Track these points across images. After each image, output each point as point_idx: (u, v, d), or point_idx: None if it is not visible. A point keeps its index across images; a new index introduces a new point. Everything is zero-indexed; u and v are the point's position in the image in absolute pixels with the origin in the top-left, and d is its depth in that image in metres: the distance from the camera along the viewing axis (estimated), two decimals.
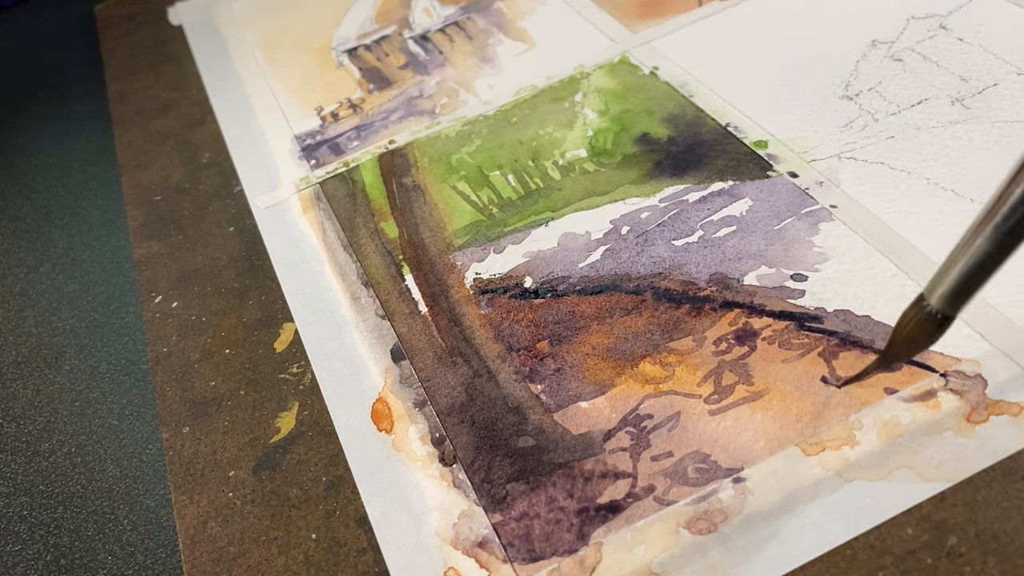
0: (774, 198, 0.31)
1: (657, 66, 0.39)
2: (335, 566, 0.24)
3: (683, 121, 0.36)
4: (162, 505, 0.28)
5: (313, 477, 0.26)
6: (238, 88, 0.45)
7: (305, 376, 0.29)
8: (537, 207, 0.33)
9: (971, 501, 0.22)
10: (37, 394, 0.32)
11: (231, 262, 0.35)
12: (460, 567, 0.23)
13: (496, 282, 0.31)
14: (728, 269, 0.29)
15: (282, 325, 0.32)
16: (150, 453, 0.29)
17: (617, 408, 0.26)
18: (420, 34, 0.45)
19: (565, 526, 0.24)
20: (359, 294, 0.32)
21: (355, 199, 0.36)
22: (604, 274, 0.30)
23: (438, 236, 0.33)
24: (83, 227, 0.40)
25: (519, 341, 0.28)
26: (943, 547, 0.21)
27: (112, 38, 0.52)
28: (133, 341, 0.33)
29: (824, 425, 0.24)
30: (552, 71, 0.40)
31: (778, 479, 0.23)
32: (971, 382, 0.24)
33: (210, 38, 0.50)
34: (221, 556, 0.25)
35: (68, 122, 0.47)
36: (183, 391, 0.30)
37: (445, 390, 0.28)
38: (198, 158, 0.41)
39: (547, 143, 0.36)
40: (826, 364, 0.26)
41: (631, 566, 0.22)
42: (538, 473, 0.25)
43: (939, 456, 0.23)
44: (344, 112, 0.41)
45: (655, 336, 0.28)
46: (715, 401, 0.25)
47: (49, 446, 0.30)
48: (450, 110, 0.39)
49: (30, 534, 0.28)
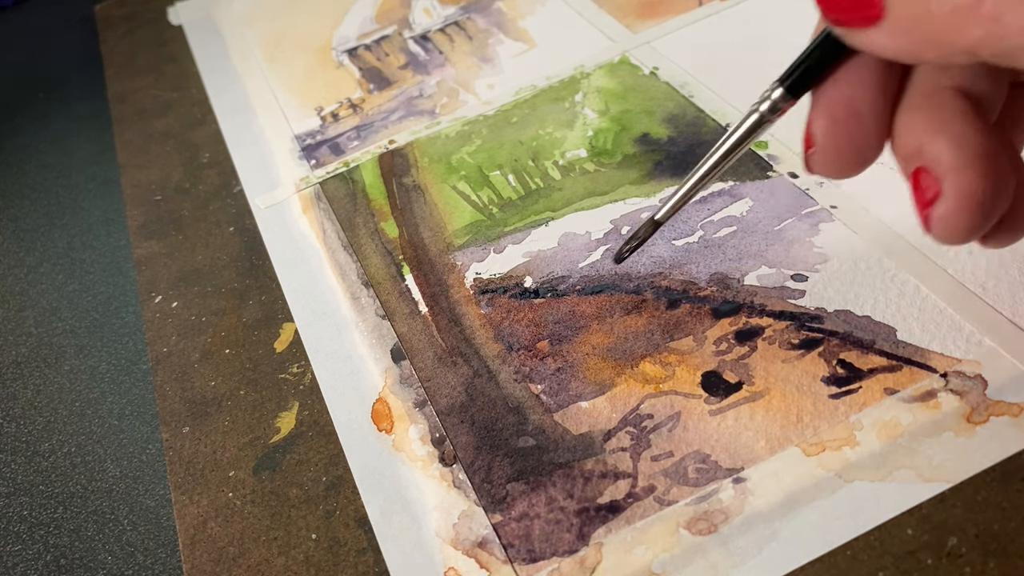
0: (774, 199, 0.31)
1: (657, 66, 0.39)
2: (335, 566, 0.24)
3: (683, 121, 0.36)
4: (162, 505, 0.28)
5: (313, 477, 0.26)
6: (238, 88, 0.45)
7: (305, 376, 0.30)
8: (537, 207, 0.33)
9: (971, 502, 0.22)
10: (37, 394, 0.32)
11: (231, 262, 0.35)
12: (460, 567, 0.23)
13: (496, 282, 0.31)
14: (728, 269, 0.29)
15: (282, 325, 0.32)
16: (150, 453, 0.29)
17: (617, 408, 0.26)
18: (420, 34, 0.45)
19: (565, 526, 0.24)
20: (359, 294, 0.32)
21: (355, 199, 0.36)
22: (604, 274, 0.30)
23: (438, 236, 0.33)
24: (83, 227, 0.40)
25: (519, 341, 0.28)
26: (943, 548, 0.21)
27: (112, 38, 0.52)
28: (133, 341, 0.33)
29: (824, 425, 0.24)
30: (552, 71, 0.40)
31: (778, 479, 0.23)
32: (971, 383, 0.24)
33: (210, 38, 0.50)
34: (221, 556, 0.25)
35: (68, 122, 0.47)
36: (183, 391, 0.30)
37: (445, 390, 0.28)
38: (198, 158, 0.41)
39: (547, 143, 0.36)
40: (826, 364, 0.26)
41: (631, 566, 0.22)
42: (538, 473, 0.25)
43: (939, 456, 0.23)
44: (344, 112, 0.41)
45: (655, 336, 0.28)
46: (715, 401, 0.25)
47: (49, 446, 0.30)
48: (450, 110, 0.39)
49: (30, 534, 0.28)
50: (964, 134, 0.17)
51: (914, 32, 0.15)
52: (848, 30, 0.17)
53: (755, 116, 0.21)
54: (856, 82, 0.18)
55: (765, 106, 0.20)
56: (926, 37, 0.15)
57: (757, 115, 0.21)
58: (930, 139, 0.17)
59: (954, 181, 0.17)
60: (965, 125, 0.17)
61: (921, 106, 0.18)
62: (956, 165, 0.17)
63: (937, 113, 0.17)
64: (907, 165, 0.18)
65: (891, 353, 0.25)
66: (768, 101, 0.20)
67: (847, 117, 0.18)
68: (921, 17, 0.15)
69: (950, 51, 0.16)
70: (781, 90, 0.20)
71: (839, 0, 0.16)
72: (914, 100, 0.18)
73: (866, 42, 0.16)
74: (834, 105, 0.18)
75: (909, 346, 0.25)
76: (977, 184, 0.17)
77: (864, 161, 0.19)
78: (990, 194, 0.17)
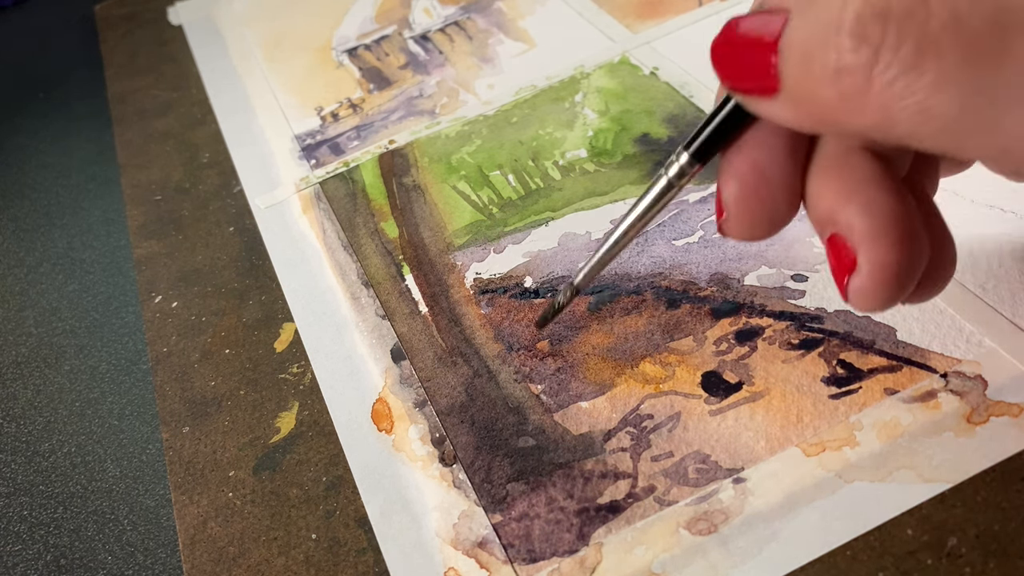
0: None
1: (657, 66, 0.39)
2: (335, 566, 0.24)
3: (683, 121, 0.36)
4: (162, 505, 0.28)
5: (313, 477, 0.26)
6: (238, 88, 0.45)
7: (305, 376, 0.30)
8: (537, 207, 0.33)
9: (971, 502, 0.22)
10: (37, 394, 0.32)
11: (231, 262, 0.35)
12: (460, 567, 0.23)
13: (496, 282, 0.31)
14: (728, 269, 0.29)
15: (282, 325, 0.32)
16: (150, 453, 0.29)
17: (617, 408, 0.26)
18: (420, 34, 0.45)
19: (565, 526, 0.24)
20: (359, 294, 0.32)
21: (355, 199, 0.36)
22: (604, 274, 0.30)
23: (438, 236, 0.33)
24: (83, 227, 0.40)
25: (519, 341, 0.28)
26: (943, 548, 0.21)
27: (112, 38, 0.52)
28: (133, 341, 0.33)
29: (824, 425, 0.24)
30: (552, 71, 0.40)
31: (778, 480, 0.23)
32: (971, 383, 0.24)
33: (210, 38, 0.50)
34: (221, 556, 0.25)
35: (68, 122, 0.47)
36: (183, 391, 0.30)
37: (445, 390, 0.28)
38: (198, 158, 0.41)
39: (547, 143, 0.36)
40: (826, 364, 0.26)
41: (631, 567, 0.22)
42: (538, 473, 0.25)
43: (939, 457, 0.23)
44: (344, 112, 0.41)
45: (655, 336, 0.28)
46: (715, 401, 0.25)
47: (49, 446, 0.30)
48: (450, 110, 0.39)
49: (30, 534, 0.28)
50: (876, 200, 0.16)
51: (808, 109, 0.15)
52: (747, 98, 0.16)
53: (662, 182, 0.20)
54: (763, 146, 0.18)
55: (672, 171, 0.20)
56: (819, 117, 0.15)
57: (664, 181, 0.20)
58: (841, 205, 0.17)
59: (868, 253, 0.16)
60: (877, 189, 0.16)
61: (831, 169, 0.17)
62: (870, 235, 0.16)
63: (847, 176, 0.17)
64: (822, 230, 0.18)
65: (891, 353, 0.25)
66: (675, 166, 0.20)
67: (757, 183, 0.18)
68: (813, 97, 0.15)
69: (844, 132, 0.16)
70: (687, 156, 0.19)
71: (736, 69, 0.16)
72: (823, 162, 0.17)
73: (765, 111, 0.16)
74: (743, 171, 0.18)
75: (909, 346, 0.25)
76: (891, 255, 0.16)
77: (778, 225, 0.19)
78: (905, 265, 0.16)
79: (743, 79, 0.16)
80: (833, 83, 0.14)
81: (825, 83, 0.14)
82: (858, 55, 0.13)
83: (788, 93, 0.15)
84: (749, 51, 0.15)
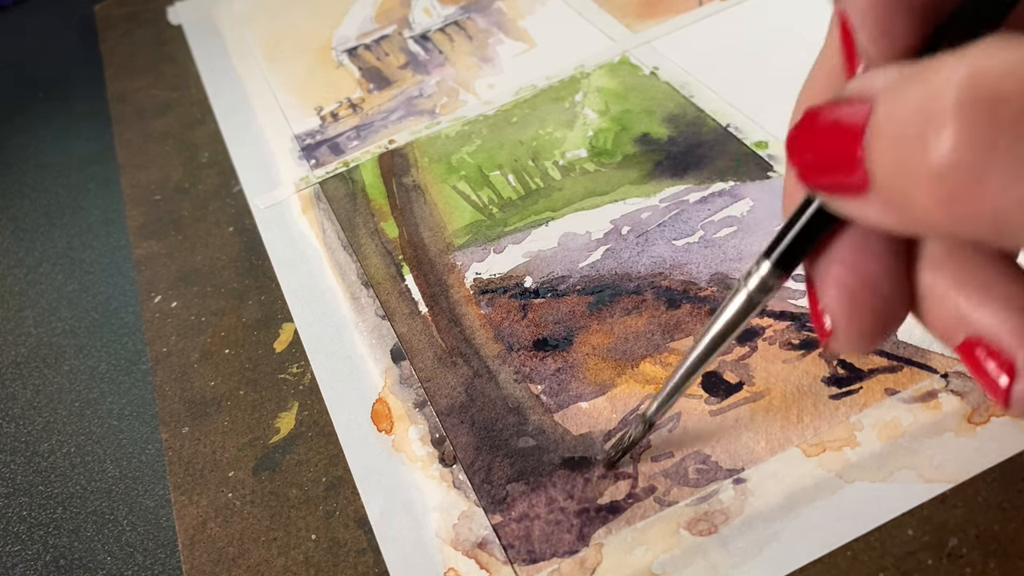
0: (775, 199, 0.31)
1: (657, 66, 0.39)
2: (335, 567, 0.24)
3: (683, 121, 0.36)
4: (161, 505, 0.28)
5: (313, 477, 0.26)
6: (238, 88, 0.45)
7: (305, 376, 0.29)
8: (537, 207, 0.33)
9: (972, 502, 0.22)
10: (36, 394, 0.32)
11: (231, 262, 0.35)
12: (460, 568, 0.23)
13: (496, 282, 0.31)
14: (729, 269, 0.29)
15: (282, 325, 0.32)
16: (149, 453, 0.29)
17: (617, 408, 0.26)
18: (420, 34, 0.45)
19: (565, 527, 0.24)
20: (359, 294, 0.32)
21: (355, 199, 0.36)
22: (604, 274, 0.30)
23: (438, 236, 0.33)
24: (83, 227, 0.40)
25: (519, 341, 0.28)
26: (944, 548, 0.21)
27: (112, 38, 0.52)
28: (133, 341, 0.33)
29: (825, 426, 0.24)
30: (552, 71, 0.40)
31: (779, 480, 0.23)
32: (972, 383, 0.24)
33: (210, 38, 0.50)
34: (221, 556, 0.25)
35: (68, 122, 0.47)
36: (183, 391, 0.30)
37: (445, 390, 0.28)
38: (198, 158, 0.41)
39: (547, 143, 0.36)
40: (827, 364, 0.26)
41: (631, 567, 0.22)
42: (538, 474, 0.25)
43: (940, 457, 0.23)
44: (344, 112, 0.41)
45: (655, 336, 0.28)
46: (715, 401, 0.25)
47: (48, 446, 0.30)
48: (450, 110, 0.39)
49: (29, 534, 0.28)
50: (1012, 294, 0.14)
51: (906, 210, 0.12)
52: (832, 197, 0.14)
53: (741, 297, 0.17)
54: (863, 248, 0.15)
55: (753, 284, 0.17)
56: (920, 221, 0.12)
57: (744, 296, 0.17)
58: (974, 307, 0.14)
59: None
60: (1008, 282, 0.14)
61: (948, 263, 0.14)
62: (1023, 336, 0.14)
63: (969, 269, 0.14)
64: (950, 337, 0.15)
65: (891, 353, 0.25)
66: (755, 277, 0.17)
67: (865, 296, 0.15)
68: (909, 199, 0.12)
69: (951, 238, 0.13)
70: (769, 265, 0.16)
71: (815, 166, 0.13)
72: (935, 255, 0.15)
73: (855, 213, 0.13)
74: (846, 282, 0.15)
75: (909, 346, 0.25)
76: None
77: (891, 332, 0.16)
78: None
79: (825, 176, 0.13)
80: (933, 183, 0.11)
81: (923, 183, 0.11)
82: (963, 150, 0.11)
83: (879, 192, 0.12)
84: (830, 141, 0.13)
